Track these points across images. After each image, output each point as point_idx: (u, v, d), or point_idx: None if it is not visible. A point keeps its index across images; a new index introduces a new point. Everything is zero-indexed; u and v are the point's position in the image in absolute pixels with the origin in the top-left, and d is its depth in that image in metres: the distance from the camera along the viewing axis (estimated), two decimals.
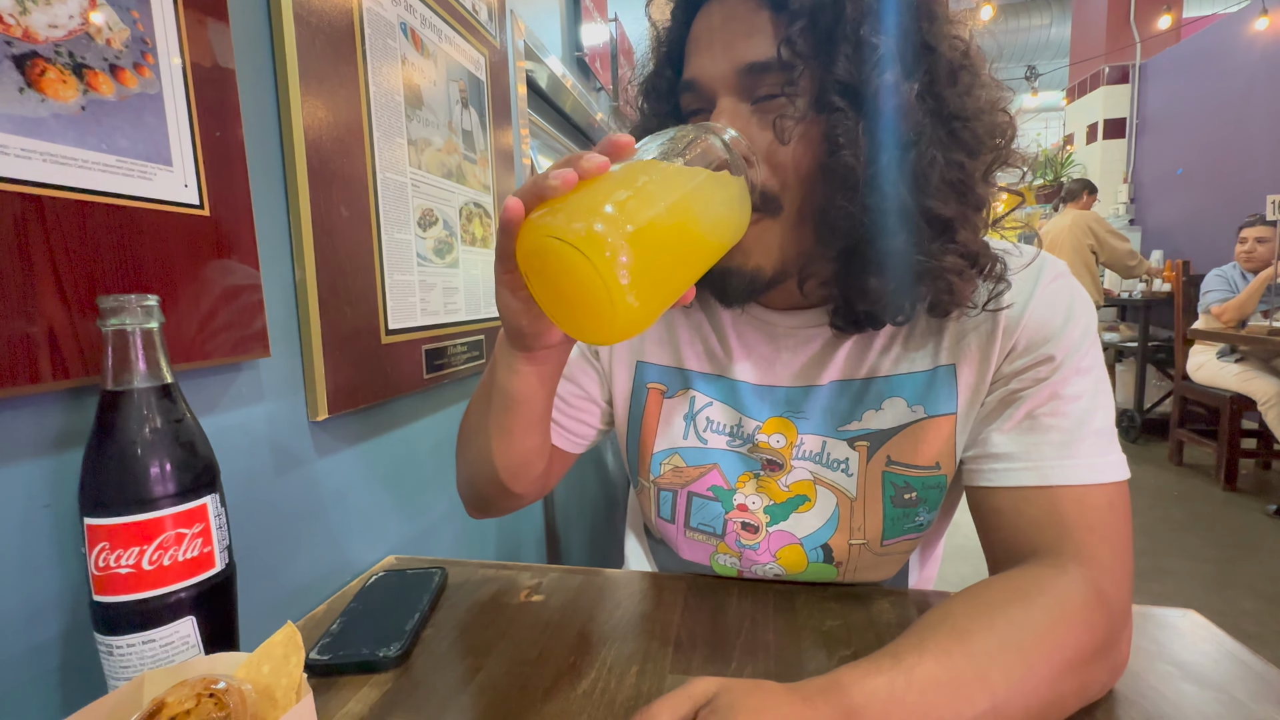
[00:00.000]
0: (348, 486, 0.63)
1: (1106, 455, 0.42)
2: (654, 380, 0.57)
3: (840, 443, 0.51)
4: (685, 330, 0.56)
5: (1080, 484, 0.41)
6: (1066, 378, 0.44)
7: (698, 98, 0.45)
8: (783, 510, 0.53)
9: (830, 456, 0.52)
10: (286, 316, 0.54)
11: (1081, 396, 0.44)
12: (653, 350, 0.57)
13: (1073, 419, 0.43)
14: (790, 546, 0.53)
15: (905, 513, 0.51)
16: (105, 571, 0.32)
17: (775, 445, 0.53)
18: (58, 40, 0.35)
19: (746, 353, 0.54)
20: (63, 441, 0.37)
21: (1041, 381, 0.44)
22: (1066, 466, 0.42)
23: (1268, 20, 3.43)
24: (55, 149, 0.35)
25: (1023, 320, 0.45)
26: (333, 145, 0.57)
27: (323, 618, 0.53)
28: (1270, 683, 0.40)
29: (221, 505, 0.37)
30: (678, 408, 0.56)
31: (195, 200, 0.44)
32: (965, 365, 0.47)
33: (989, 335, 0.46)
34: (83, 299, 0.37)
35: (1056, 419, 0.43)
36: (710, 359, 0.55)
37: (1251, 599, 1.84)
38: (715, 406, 0.55)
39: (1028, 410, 0.44)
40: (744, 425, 0.54)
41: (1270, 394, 2.46)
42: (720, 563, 0.57)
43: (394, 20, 0.67)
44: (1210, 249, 3.63)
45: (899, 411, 0.49)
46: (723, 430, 0.54)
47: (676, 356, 0.56)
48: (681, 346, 0.56)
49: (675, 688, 0.32)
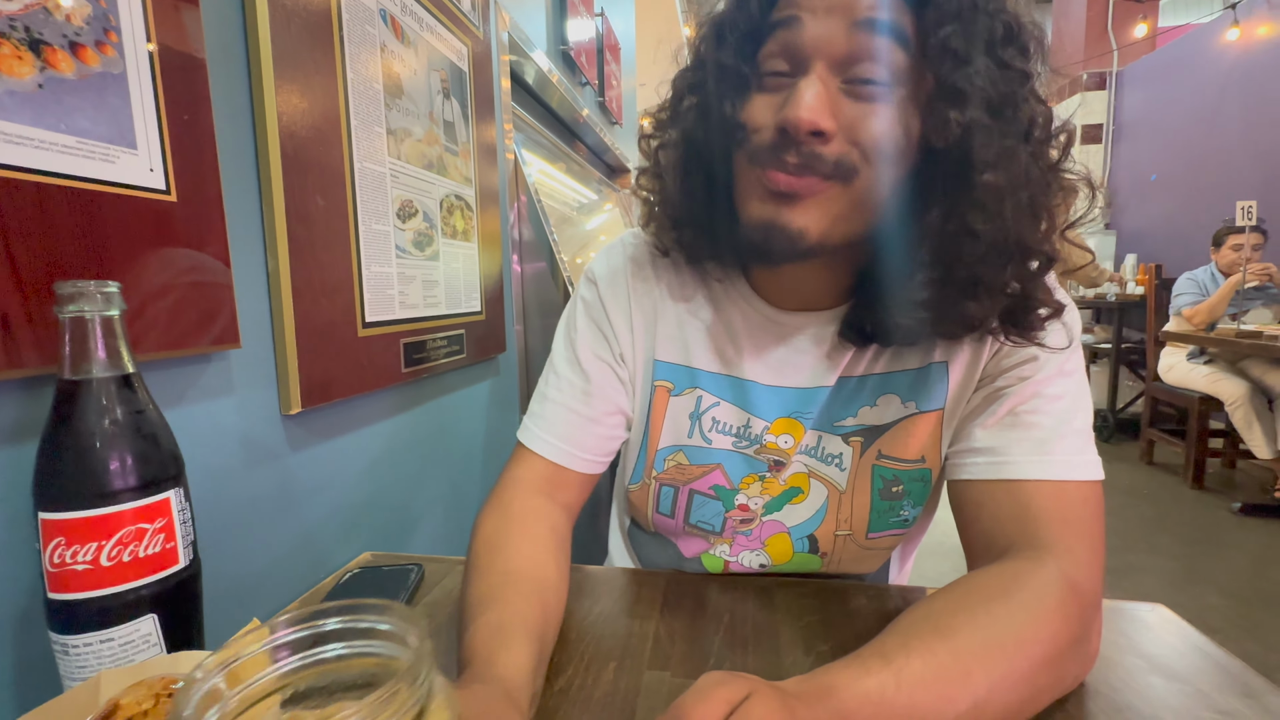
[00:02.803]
0: (322, 482, 0.61)
1: (1084, 454, 0.43)
2: (662, 378, 0.55)
3: (835, 438, 0.52)
4: (695, 329, 0.55)
5: (1057, 479, 0.42)
6: (1050, 378, 0.45)
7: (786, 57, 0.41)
8: (778, 502, 0.54)
9: (825, 451, 0.52)
10: (258, 307, 0.53)
11: (1063, 397, 0.45)
12: (664, 348, 0.56)
13: (1053, 417, 0.44)
14: (778, 535, 0.54)
15: (891, 506, 0.52)
16: (61, 568, 0.31)
17: (783, 446, 0.53)
18: (13, 14, 0.34)
19: (758, 353, 0.53)
20: (17, 433, 0.36)
21: (1026, 380, 0.45)
22: (1044, 462, 0.43)
23: (1239, 31, 3.52)
24: (10, 128, 0.34)
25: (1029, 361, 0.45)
26: (308, 133, 0.56)
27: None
28: (1234, 675, 0.40)
29: (186, 500, 0.36)
30: (684, 405, 0.55)
31: (161, 185, 0.42)
32: (956, 363, 0.48)
33: (980, 338, 0.46)
34: (40, 285, 0.35)
35: (1038, 416, 0.44)
36: (720, 358, 0.54)
37: (1216, 594, 1.89)
38: (722, 406, 0.54)
39: (1010, 407, 0.45)
40: (751, 426, 0.53)
41: (1237, 395, 2.54)
42: (714, 553, 0.57)
43: (373, 7, 0.66)
44: (1183, 253, 3.72)
45: (893, 408, 0.50)
46: (728, 431, 0.54)
47: (686, 354, 0.55)
48: (691, 344, 0.55)
49: (653, 684, 0.32)
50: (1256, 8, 3.45)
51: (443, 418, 0.85)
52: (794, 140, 0.39)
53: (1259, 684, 0.39)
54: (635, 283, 0.56)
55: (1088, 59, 4.58)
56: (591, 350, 0.55)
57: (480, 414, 0.70)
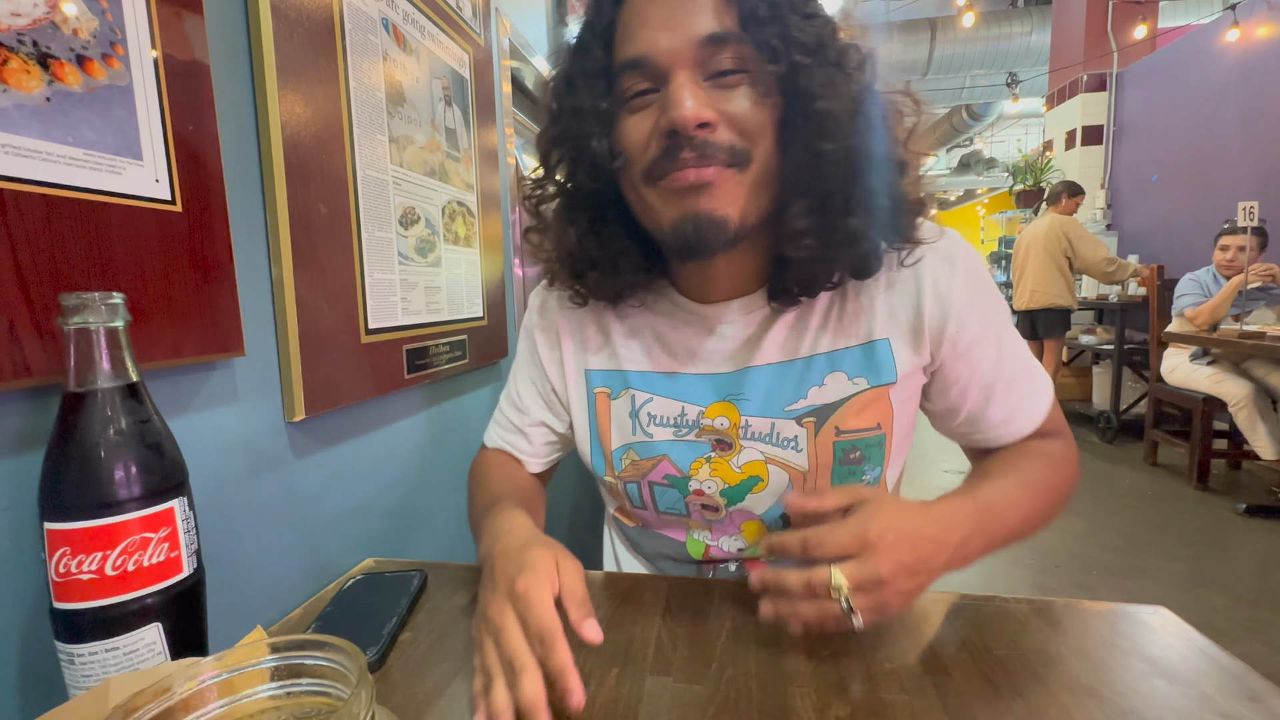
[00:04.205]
0: (325, 488, 0.61)
1: (1043, 376, 0.57)
2: (599, 385, 0.61)
3: (788, 421, 0.55)
4: (621, 334, 0.61)
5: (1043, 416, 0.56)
6: (1001, 338, 0.54)
7: (646, 75, 0.46)
8: (738, 492, 0.57)
9: (780, 436, 0.55)
10: (262, 315, 0.53)
11: (1017, 345, 0.55)
12: (594, 358, 0.62)
13: (1023, 366, 0.55)
14: (751, 520, 0.59)
15: (852, 470, 0.55)
16: (66, 578, 0.31)
17: (720, 426, 0.57)
18: (21, 29, 0.34)
19: (685, 346, 0.58)
20: (23, 443, 0.36)
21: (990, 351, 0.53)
22: (1039, 403, 0.56)
23: (1239, 32, 3.52)
24: (18, 141, 0.34)
25: (954, 302, 0.52)
26: (311, 141, 0.56)
27: (298, 622, 0.52)
28: (1238, 678, 0.40)
29: (190, 509, 0.36)
30: (623, 407, 0.60)
31: (167, 195, 0.43)
32: (898, 339, 0.53)
33: (915, 309, 0.52)
34: (47, 296, 0.36)
35: (1016, 370, 0.55)
36: (648, 357, 0.59)
37: (1222, 596, 1.88)
38: (655, 401, 0.58)
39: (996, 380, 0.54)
40: (686, 413, 0.58)
41: (1240, 396, 2.53)
42: (695, 537, 0.61)
43: (375, 16, 0.66)
44: (1184, 253, 3.72)
45: (841, 385, 0.54)
46: (666, 423, 0.58)
47: (615, 360, 0.60)
48: (618, 350, 0.60)
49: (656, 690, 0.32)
50: (1257, 8, 3.45)
51: (445, 423, 0.85)
52: (684, 139, 0.44)
53: (1263, 687, 0.39)
54: (563, 311, 0.63)
55: (1087, 60, 4.58)
56: (527, 375, 0.66)
57: (482, 419, 0.71)
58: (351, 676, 0.22)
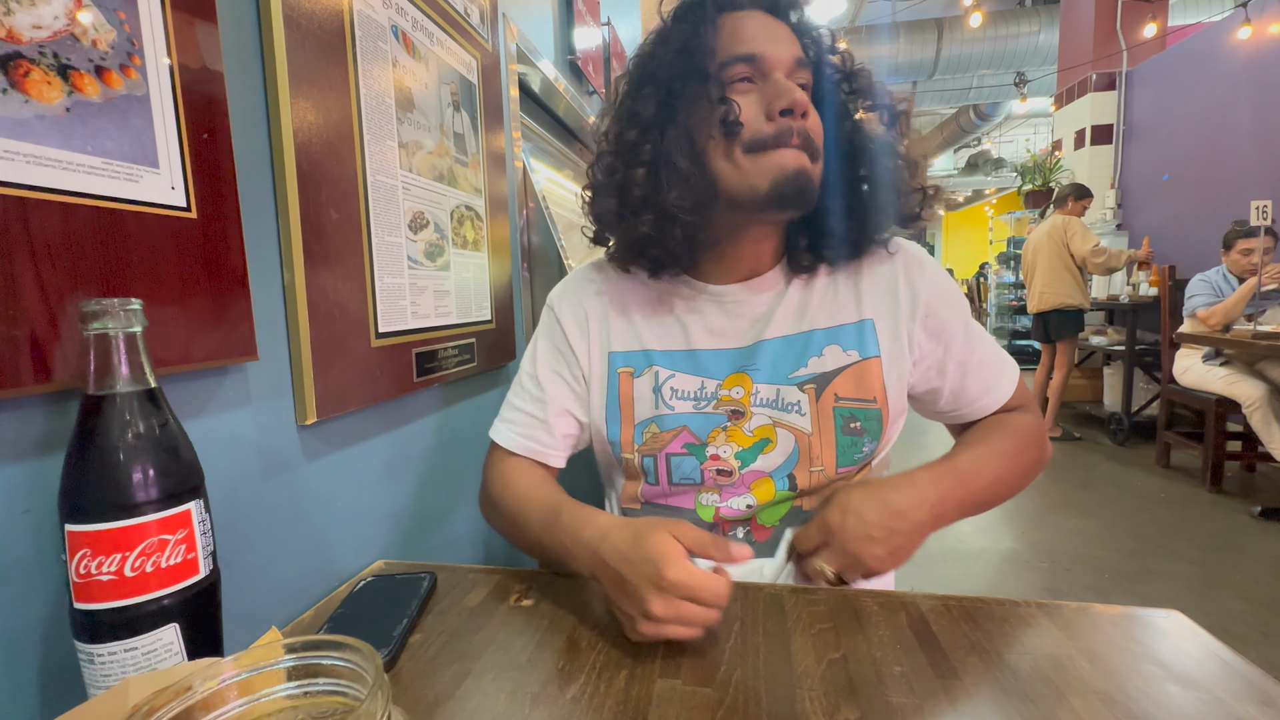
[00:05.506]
0: (336, 491, 0.62)
1: (1008, 358, 0.67)
2: (622, 365, 0.67)
3: (791, 388, 0.62)
4: (643, 316, 0.68)
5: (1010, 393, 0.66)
6: (967, 323, 0.64)
7: (753, 68, 0.57)
8: (751, 454, 0.63)
9: (784, 400, 0.62)
10: (274, 319, 0.54)
11: (982, 331, 0.66)
12: (619, 340, 0.68)
13: (990, 348, 0.66)
14: (762, 479, 0.63)
15: (853, 441, 0.62)
16: (86, 579, 0.32)
17: (735, 396, 0.64)
18: (42, 41, 0.35)
19: (702, 324, 0.66)
20: (43, 446, 0.37)
21: (959, 333, 0.63)
22: (1007, 376, 0.66)
23: (1250, 29, 3.49)
24: (39, 150, 0.35)
25: (922, 291, 0.63)
26: (322, 148, 0.57)
27: (310, 623, 0.52)
28: (1253, 682, 0.40)
29: (206, 511, 0.37)
30: (646, 383, 0.66)
31: (182, 202, 0.43)
32: (881, 320, 0.63)
33: (892, 295, 0.63)
34: (66, 302, 0.36)
35: (985, 350, 0.65)
36: (670, 336, 0.66)
37: (1236, 599, 1.86)
38: (678, 377, 0.65)
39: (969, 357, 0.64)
40: (706, 386, 0.64)
41: (1254, 397, 2.50)
42: (703, 502, 0.65)
43: (385, 23, 0.67)
44: (1195, 253, 3.68)
45: (837, 355, 0.62)
46: (687, 396, 0.64)
47: (639, 341, 0.67)
48: (642, 331, 0.67)
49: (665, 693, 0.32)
50: (1268, 6, 3.41)
51: (454, 426, 0.86)
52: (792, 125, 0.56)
53: (1278, 691, 0.39)
54: (588, 299, 0.70)
55: (1096, 59, 4.55)
56: (550, 367, 0.69)
57: (491, 421, 0.71)
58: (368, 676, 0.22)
